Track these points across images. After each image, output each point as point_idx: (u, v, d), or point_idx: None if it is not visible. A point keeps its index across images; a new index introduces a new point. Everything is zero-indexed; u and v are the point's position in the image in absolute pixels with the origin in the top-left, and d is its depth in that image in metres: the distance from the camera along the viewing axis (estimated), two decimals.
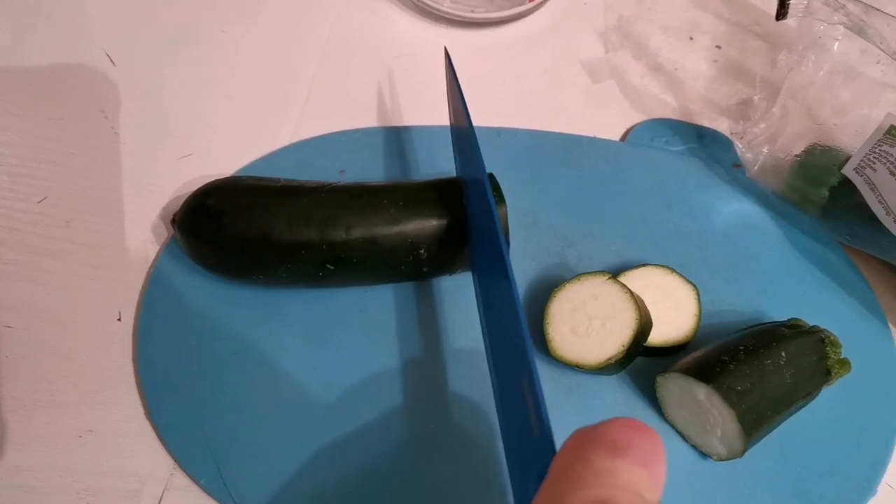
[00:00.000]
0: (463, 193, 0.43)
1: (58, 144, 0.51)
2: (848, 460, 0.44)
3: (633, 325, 0.42)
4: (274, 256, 0.41)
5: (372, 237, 0.41)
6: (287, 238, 0.40)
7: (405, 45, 0.60)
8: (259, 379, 0.42)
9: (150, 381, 0.42)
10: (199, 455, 0.39)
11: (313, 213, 0.41)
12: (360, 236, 0.41)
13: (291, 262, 0.41)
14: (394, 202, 0.42)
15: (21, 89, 0.53)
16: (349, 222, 0.41)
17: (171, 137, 0.52)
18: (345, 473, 0.40)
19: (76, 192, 0.49)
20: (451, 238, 0.42)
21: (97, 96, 0.54)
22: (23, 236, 0.47)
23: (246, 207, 0.41)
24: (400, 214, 0.42)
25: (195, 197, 0.43)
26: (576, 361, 0.42)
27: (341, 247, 0.41)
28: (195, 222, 0.42)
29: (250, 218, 0.41)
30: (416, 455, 0.41)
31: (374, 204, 0.42)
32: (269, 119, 0.54)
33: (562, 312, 0.44)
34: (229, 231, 0.41)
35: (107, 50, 0.56)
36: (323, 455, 0.40)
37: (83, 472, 0.39)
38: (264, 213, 0.41)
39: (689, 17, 0.64)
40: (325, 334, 0.44)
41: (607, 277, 0.43)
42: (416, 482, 0.40)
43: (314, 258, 0.41)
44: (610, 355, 0.41)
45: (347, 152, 0.52)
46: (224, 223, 0.41)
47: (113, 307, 0.45)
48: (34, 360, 0.42)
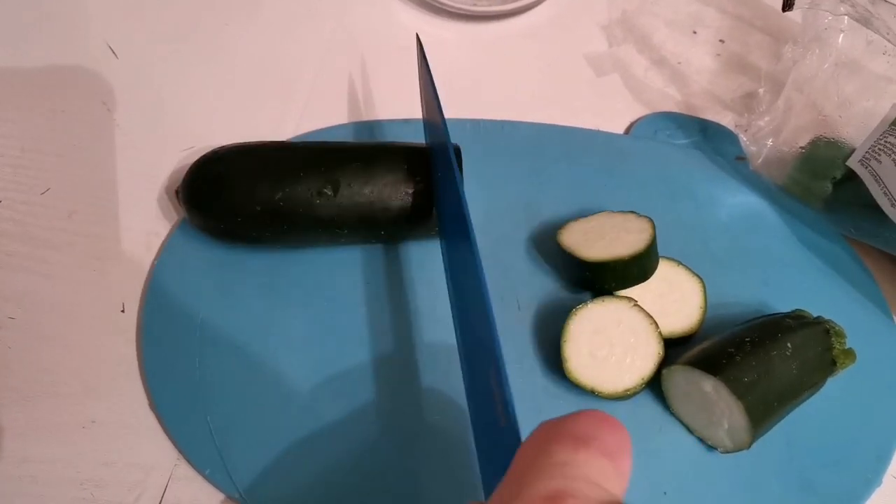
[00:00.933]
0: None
1: (60, 136, 0.51)
2: (853, 451, 0.44)
3: (655, 360, 0.42)
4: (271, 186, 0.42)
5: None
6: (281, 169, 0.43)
7: (408, 38, 0.60)
8: (262, 369, 0.42)
9: (154, 371, 0.41)
10: (202, 445, 0.39)
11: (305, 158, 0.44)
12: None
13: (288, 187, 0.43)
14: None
15: (24, 82, 0.53)
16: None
17: (173, 130, 0.52)
18: (347, 462, 0.40)
19: (79, 184, 0.49)
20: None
21: (99, 89, 0.54)
22: (25, 228, 0.47)
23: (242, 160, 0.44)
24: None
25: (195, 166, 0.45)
26: (591, 387, 0.41)
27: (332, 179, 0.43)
28: (198, 179, 0.44)
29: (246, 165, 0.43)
30: (412, 442, 0.41)
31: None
32: (271, 112, 0.54)
33: (582, 333, 0.42)
34: (229, 176, 0.43)
35: (109, 42, 0.56)
36: (325, 444, 0.40)
37: (87, 463, 0.39)
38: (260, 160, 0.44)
39: (693, 11, 0.64)
40: (328, 327, 0.44)
41: (632, 305, 0.43)
42: (411, 468, 0.40)
43: (310, 184, 0.43)
44: (628, 387, 0.41)
45: None
46: (223, 173, 0.43)
47: (116, 298, 0.45)
48: (37, 352, 0.42)
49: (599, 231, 0.46)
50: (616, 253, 0.43)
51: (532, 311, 0.46)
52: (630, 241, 0.44)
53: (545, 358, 0.44)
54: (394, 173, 0.43)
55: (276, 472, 0.39)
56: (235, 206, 0.42)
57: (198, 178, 0.44)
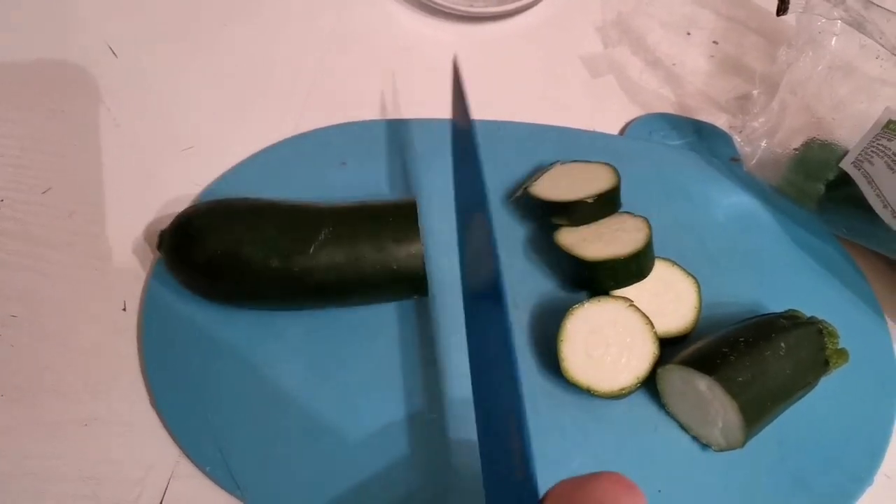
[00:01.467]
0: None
1: (60, 137, 0.51)
2: (845, 451, 0.44)
3: (650, 359, 0.42)
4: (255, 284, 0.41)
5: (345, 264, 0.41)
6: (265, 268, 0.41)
7: (405, 39, 0.60)
8: (262, 368, 0.42)
9: (155, 370, 0.42)
10: (203, 443, 0.40)
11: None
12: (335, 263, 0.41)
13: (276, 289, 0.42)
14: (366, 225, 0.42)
15: (24, 82, 0.53)
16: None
17: (173, 129, 0.53)
18: (347, 462, 0.40)
19: (79, 183, 0.49)
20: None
21: (99, 88, 0.54)
22: (26, 227, 0.47)
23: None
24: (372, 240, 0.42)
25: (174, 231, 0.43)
26: (587, 386, 0.41)
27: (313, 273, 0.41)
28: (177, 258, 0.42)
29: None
30: (413, 444, 0.41)
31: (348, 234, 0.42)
32: (270, 111, 0.54)
33: (578, 332, 0.43)
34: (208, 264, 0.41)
35: (109, 42, 0.56)
36: (325, 444, 0.40)
37: (89, 461, 0.40)
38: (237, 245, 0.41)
39: (687, 12, 0.64)
40: (326, 326, 0.44)
41: (628, 305, 0.43)
42: (413, 469, 0.40)
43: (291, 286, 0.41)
44: (623, 386, 0.42)
45: (348, 144, 0.52)
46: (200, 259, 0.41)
47: (117, 297, 0.45)
48: (39, 350, 0.43)
49: (597, 231, 0.46)
50: (614, 252, 0.44)
51: (529, 310, 0.46)
52: (627, 240, 0.45)
53: (541, 357, 0.45)
54: (380, 239, 0.42)
55: (277, 470, 0.39)
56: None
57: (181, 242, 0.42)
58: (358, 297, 0.43)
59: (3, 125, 0.51)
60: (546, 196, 0.47)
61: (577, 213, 0.47)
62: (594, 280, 0.46)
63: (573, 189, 0.47)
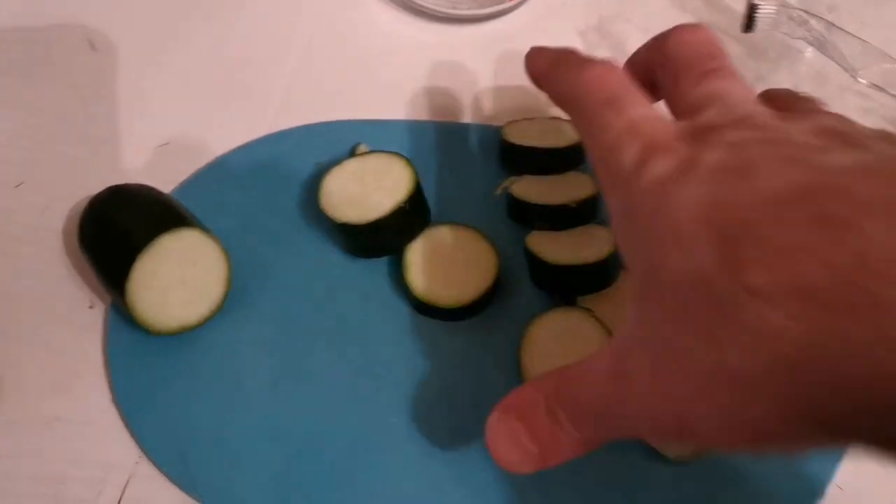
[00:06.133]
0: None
1: (35, 131, 0.51)
2: (800, 460, 0.45)
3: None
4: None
5: None
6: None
7: (386, 39, 0.60)
8: (228, 368, 0.43)
9: (119, 369, 0.42)
10: (164, 444, 0.40)
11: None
12: None
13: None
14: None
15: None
16: None
17: (149, 125, 0.53)
18: (311, 468, 0.41)
19: (53, 179, 0.49)
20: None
21: (75, 82, 0.54)
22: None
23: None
24: None
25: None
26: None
27: None
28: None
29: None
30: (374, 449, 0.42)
31: None
32: (246, 110, 0.54)
33: (539, 341, 0.43)
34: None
35: (88, 35, 0.56)
36: (289, 448, 0.41)
37: (51, 460, 0.40)
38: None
39: (669, 17, 0.64)
40: (292, 327, 0.45)
41: (589, 315, 0.44)
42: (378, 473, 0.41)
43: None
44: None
45: (324, 144, 0.53)
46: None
47: (85, 295, 0.45)
48: (2, 346, 0.43)
49: (568, 237, 0.47)
50: (583, 258, 0.44)
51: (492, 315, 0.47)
52: (597, 247, 0.45)
53: (503, 363, 0.45)
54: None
55: (236, 473, 0.40)
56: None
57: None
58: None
59: None
60: (526, 197, 0.48)
61: (557, 216, 0.47)
62: (560, 286, 0.46)
63: (553, 193, 0.48)
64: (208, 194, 0.49)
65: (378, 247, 0.46)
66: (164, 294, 0.40)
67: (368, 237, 0.45)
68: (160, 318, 0.41)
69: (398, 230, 0.45)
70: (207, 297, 0.43)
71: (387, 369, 0.44)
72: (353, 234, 0.45)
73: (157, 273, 0.40)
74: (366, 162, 0.47)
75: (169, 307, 0.41)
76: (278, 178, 0.51)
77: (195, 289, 0.42)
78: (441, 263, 0.45)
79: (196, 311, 0.42)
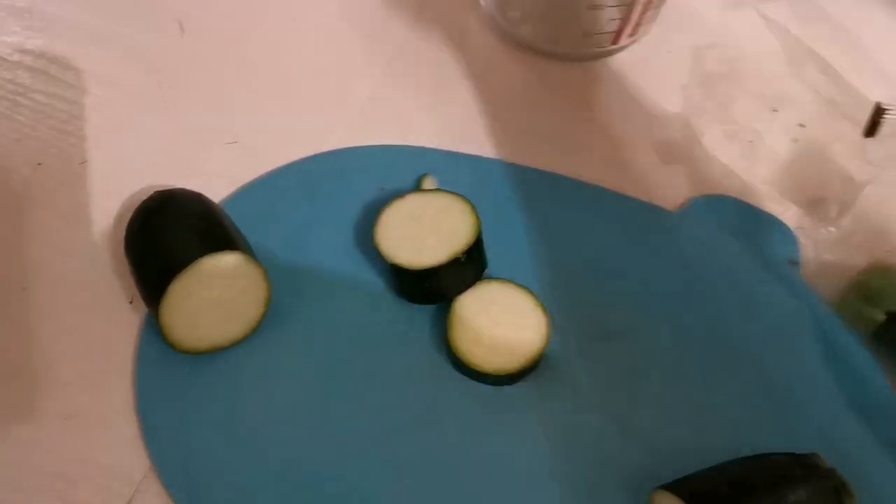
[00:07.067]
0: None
1: (109, 109, 0.51)
2: None
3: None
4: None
5: None
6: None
7: (476, 65, 0.58)
8: (248, 396, 0.41)
9: (145, 378, 0.41)
10: (174, 464, 0.39)
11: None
12: None
13: None
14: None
15: (84, 45, 0.53)
16: None
17: (220, 120, 0.52)
18: None
19: (116, 161, 0.49)
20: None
21: (157, 65, 0.53)
22: (54, 197, 0.47)
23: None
24: None
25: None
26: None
27: None
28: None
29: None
30: None
31: None
32: (319, 120, 0.53)
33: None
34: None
35: (178, 17, 0.55)
36: (295, 487, 0.39)
37: (62, 457, 0.39)
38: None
39: (780, 85, 0.60)
40: (323, 361, 0.43)
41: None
42: None
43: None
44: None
45: (392, 168, 0.51)
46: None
47: (127, 289, 0.44)
48: (37, 330, 0.42)
49: None
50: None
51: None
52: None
53: (537, 436, 0.42)
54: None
55: None
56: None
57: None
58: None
59: (58, 86, 0.51)
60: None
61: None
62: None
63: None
64: (263, 204, 0.48)
65: (426, 293, 0.44)
66: (197, 315, 0.39)
67: (417, 283, 0.43)
68: (190, 338, 0.39)
69: (449, 282, 0.43)
70: (242, 319, 0.41)
71: (411, 426, 0.41)
72: (402, 276, 0.43)
73: (192, 294, 0.38)
74: (427, 200, 0.45)
75: (200, 328, 0.40)
76: (338, 197, 0.49)
77: (229, 311, 0.40)
78: (489, 324, 0.43)
79: (228, 333, 0.41)
